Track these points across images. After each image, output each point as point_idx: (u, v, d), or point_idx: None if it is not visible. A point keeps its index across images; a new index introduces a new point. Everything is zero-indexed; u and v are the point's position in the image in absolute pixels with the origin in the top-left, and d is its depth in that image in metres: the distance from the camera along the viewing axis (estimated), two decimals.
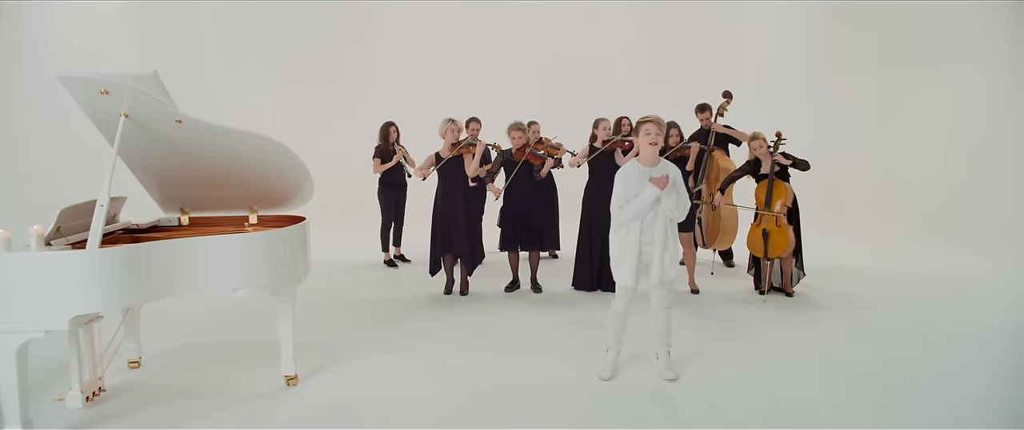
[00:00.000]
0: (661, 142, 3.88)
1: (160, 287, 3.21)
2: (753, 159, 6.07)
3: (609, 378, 4.00)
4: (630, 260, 3.89)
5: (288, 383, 3.90)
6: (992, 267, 7.15)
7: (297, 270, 3.82)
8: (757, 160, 6.02)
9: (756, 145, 5.94)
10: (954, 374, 4.04)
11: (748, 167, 6.06)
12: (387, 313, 5.55)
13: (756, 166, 6.02)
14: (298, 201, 4.24)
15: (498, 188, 6.13)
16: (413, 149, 7.76)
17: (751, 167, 6.05)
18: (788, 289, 6.03)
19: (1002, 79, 9.10)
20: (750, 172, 6.05)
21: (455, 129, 6.01)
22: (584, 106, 11.27)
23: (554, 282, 6.59)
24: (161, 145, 3.63)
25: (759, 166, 6.00)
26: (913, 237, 8.82)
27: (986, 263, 7.34)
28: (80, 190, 9.45)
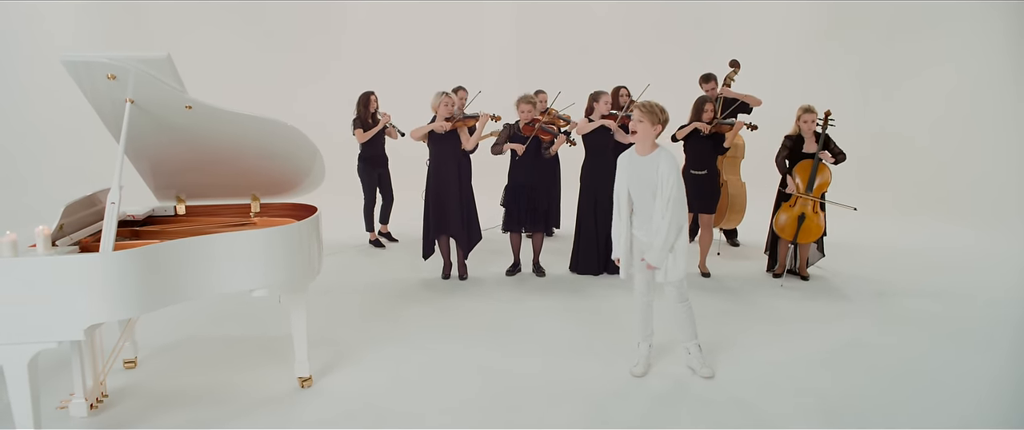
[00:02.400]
0: (642, 132, 3.81)
1: (179, 290, 3.17)
2: (795, 133, 6.09)
3: (642, 374, 4.09)
4: (624, 252, 4.01)
5: (302, 385, 3.91)
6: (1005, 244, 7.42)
7: (313, 265, 3.80)
8: (799, 136, 6.06)
9: (809, 119, 5.95)
10: (1000, 365, 4.21)
11: (790, 143, 6.07)
12: (386, 301, 5.56)
13: (797, 143, 6.06)
14: (304, 188, 4.21)
15: (519, 145, 6.10)
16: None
17: (792, 143, 6.07)
18: (803, 272, 6.18)
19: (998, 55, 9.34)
20: (791, 148, 6.06)
21: (449, 103, 5.97)
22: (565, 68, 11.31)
23: (555, 264, 6.65)
24: (165, 131, 3.56)
25: (800, 143, 6.05)
26: (912, 212, 9.07)
27: (996, 239, 7.61)
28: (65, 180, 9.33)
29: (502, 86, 9.98)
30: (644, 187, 3.85)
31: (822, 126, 5.95)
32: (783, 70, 11.10)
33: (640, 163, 3.87)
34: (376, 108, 7.28)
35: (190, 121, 3.50)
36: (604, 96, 6.21)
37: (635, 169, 3.89)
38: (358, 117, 7.19)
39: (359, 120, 7.18)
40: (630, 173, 3.92)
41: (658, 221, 3.79)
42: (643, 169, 3.85)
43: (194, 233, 3.77)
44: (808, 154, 5.96)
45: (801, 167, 5.98)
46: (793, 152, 6.03)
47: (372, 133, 7.17)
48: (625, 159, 3.97)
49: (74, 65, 3.13)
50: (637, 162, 3.89)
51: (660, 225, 3.78)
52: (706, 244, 6.39)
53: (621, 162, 3.99)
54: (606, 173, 6.25)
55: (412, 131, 6.10)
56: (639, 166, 3.87)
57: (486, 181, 6.91)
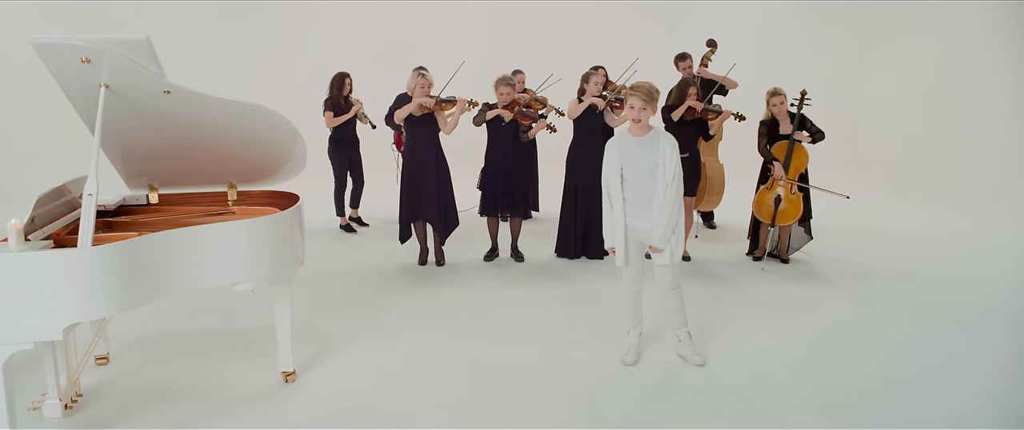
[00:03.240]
0: (645, 119, 3.81)
1: (162, 285, 3.06)
2: (768, 118, 6.12)
3: (633, 363, 4.08)
4: (620, 239, 3.94)
5: (286, 379, 3.83)
6: (984, 224, 7.60)
7: (298, 256, 3.72)
8: (774, 119, 6.09)
9: (777, 102, 5.99)
10: (997, 355, 4.28)
11: (765, 128, 6.11)
12: (364, 289, 5.49)
13: (773, 127, 6.09)
14: (284, 174, 4.10)
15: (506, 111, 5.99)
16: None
17: (767, 128, 6.10)
18: (784, 256, 6.24)
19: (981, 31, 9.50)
20: (767, 134, 6.10)
21: (427, 84, 5.88)
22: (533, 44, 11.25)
23: (533, 248, 6.63)
24: (140, 117, 3.43)
25: (776, 126, 6.08)
26: (893, 192, 9.24)
27: (974, 220, 7.79)
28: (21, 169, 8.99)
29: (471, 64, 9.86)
30: (642, 170, 3.82)
31: (798, 106, 5.98)
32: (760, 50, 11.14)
33: (637, 145, 3.84)
34: (350, 91, 7.14)
35: (168, 106, 3.38)
36: (595, 76, 6.17)
37: (630, 153, 3.85)
38: (330, 98, 7.05)
39: (331, 102, 7.04)
40: (624, 157, 3.86)
41: (660, 202, 3.78)
42: (640, 151, 3.82)
43: (171, 223, 3.66)
44: (785, 136, 6.01)
45: (776, 149, 6.03)
46: (771, 136, 6.07)
47: (342, 120, 7.04)
48: (616, 143, 3.91)
49: (44, 47, 2.98)
50: (633, 145, 3.85)
51: (663, 206, 3.77)
52: (686, 227, 6.42)
53: (612, 147, 3.92)
54: (594, 156, 6.21)
55: (396, 114, 5.98)
56: (635, 149, 3.84)
57: (461, 163, 6.84)
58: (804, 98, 6.00)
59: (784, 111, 5.99)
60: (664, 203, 3.78)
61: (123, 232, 3.50)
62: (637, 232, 3.94)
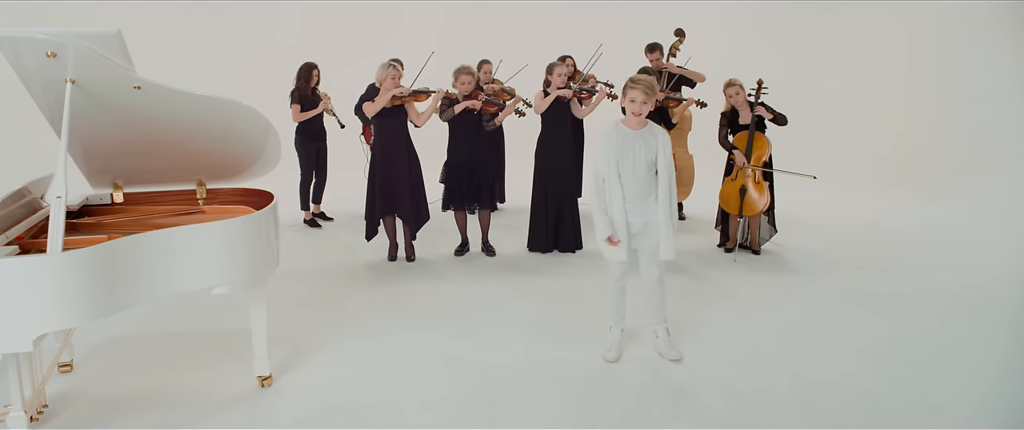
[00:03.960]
0: (647, 111, 3.79)
1: (137, 291, 2.94)
2: (729, 109, 6.17)
3: (615, 360, 4.06)
4: (622, 233, 3.86)
5: (262, 384, 3.72)
6: (947, 212, 7.77)
7: (275, 257, 3.62)
8: (734, 110, 6.13)
9: (732, 92, 6.04)
10: (967, 340, 4.36)
11: (726, 119, 6.16)
12: (335, 287, 5.39)
13: (733, 117, 6.14)
14: (256, 171, 4.00)
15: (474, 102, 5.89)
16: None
17: (727, 119, 6.16)
18: (755, 247, 6.30)
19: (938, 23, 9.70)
20: (728, 125, 6.15)
21: (397, 75, 5.78)
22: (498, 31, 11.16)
23: (503, 241, 6.58)
24: (107, 113, 3.28)
25: (736, 116, 6.13)
26: (853, 181, 9.39)
27: (934, 209, 7.96)
28: None
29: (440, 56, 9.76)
30: (640, 163, 3.79)
31: (755, 95, 6.03)
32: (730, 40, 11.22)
33: (635, 138, 3.80)
34: (317, 82, 6.99)
35: (137, 102, 3.24)
36: (559, 67, 6.13)
37: (629, 145, 3.80)
38: (296, 90, 6.90)
39: (298, 93, 6.89)
40: (623, 150, 3.80)
41: (665, 194, 3.78)
42: (638, 144, 3.79)
43: (140, 225, 3.54)
44: (745, 126, 6.06)
45: (737, 139, 6.09)
46: (732, 126, 6.14)
47: (309, 115, 6.89)
48: (614, 135, 3.83)
49: (4, 41, 2.83)
50: (631, 137, 3.81)
51: (664, 200, 3.78)
52: None
53: (608, 139, 3.84)
54: (563, 147, 6.20)
55: (366, 108, 5.87)
56: (634, 141, 3.80)
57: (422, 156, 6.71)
58: (761, 87, 6.05)
59: (741, 100, 6.04)
60: (667, 198, 3.79)
61: (89, 235, 3.36)
62: (631, 225, 3.89)
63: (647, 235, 3.90)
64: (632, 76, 3.85)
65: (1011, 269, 5.81)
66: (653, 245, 3.89)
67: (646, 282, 4.04)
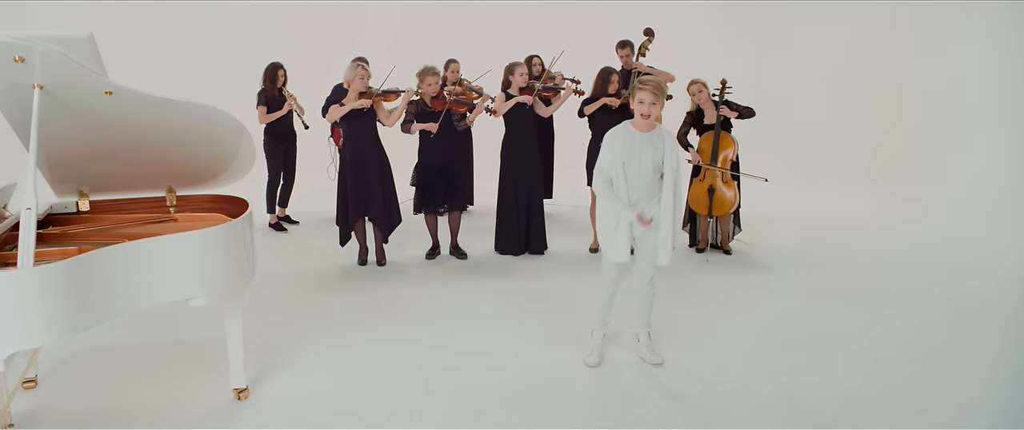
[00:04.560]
0: (656, 113, 3.75)
1: (112, 305, 2.84)
2: (694, 109, 6.21)
3: (596, 364, 4.03)
4: (624, 234, 3.81)
5: (238, 396, 3.62)
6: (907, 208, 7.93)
7: (252, 266, 3.53)
8: (699, 110, 6.18)
9: (695, 91, 6.07)
10: (942, 339, 4.44)
11: (690, 119, 6.21)
12: (307, 293, 5.29)
13: (698, 116, 6.18)
14: (228, 177, 3.89)
15: (432, 124, 5.85)
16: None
17: (692, 118, 6.21)
18: (726, 246, 6.35)
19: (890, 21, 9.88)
20: (692, 124, 6.20)
21: (366, 75, 5.69)
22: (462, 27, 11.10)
23: (472, 243, 6.53)
24: (76, 119, 3.16)
25: (701, 116, 6.17)
26: (817, 179, 9.52)
27: (898, 203, 8.12)
28: None
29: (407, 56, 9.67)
30: (647, 166, 3.75)
31: (719, 95, 6.08)
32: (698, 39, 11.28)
33: (642, 140, 3.76)
34: (284, 83, 6.86)
35: (107, 107, 3.12)
36: (520, 67, 6.09)
37: (636, 148, 3.75)
38: (263, 91, 6.77)
39: (264, 95, 6.76)
40: (629, 152, 3.75)
41: (669, 198, 3.76)
42: (646, 146, 3.75)
43: (109, 234, 3.42)
44: (710, 125, 6.10)
45: (704, 138, 6.13)
46: (697, 126, 6.18)
47: (275, 116, 6.76)
48: (622, 137, 3.78)
49: None
50: (639, 140, 3.76)
51: (672, 202, 3.76)
52: None
53: (616, 139, 3.78)
54: (528, 147, 6.16)
55: (330, 114, 5.78)
56: (641, 144, 3.75)
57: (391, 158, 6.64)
58: (725, 87, 6.10)
59: (706, 99, 6.09)
60: (674, 202, 3.79)
61: (57, 246, 3.23)
62: (634, 226, 3.83)
63: (647, 237, 3.88)
64: (640, 77, 3.84)
65: (982, 267, 5.94)
66: (651, 247, 3.87)
67: (637, 283, 4.03)
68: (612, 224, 3.85)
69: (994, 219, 7.28)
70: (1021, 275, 5.75)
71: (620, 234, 3.83)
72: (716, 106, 6.06)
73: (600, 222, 3.96)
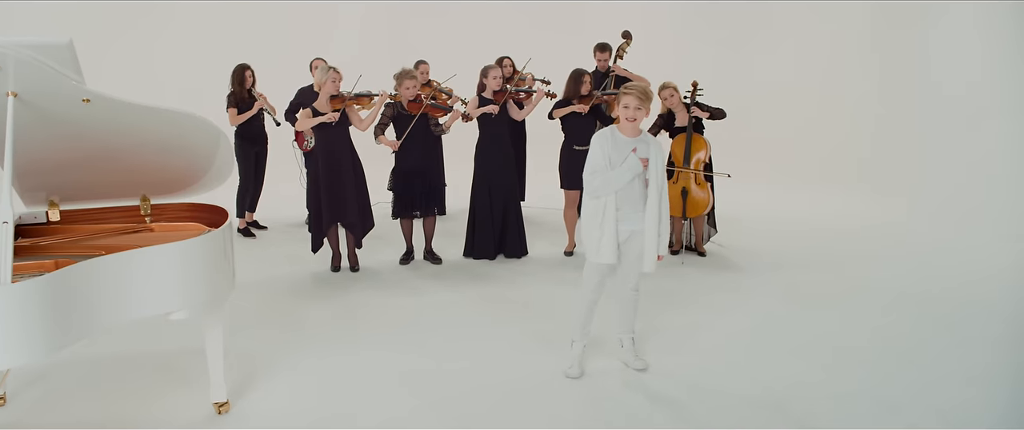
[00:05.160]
0: (641, 118, 3.77)
1: (91, 321, 2.75)
2: (665, 111, 6.25)
3: (578, 376, 3.98)
4: (610, 234, 3.78)
5: (219, 410, 3.54)
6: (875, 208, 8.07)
7: (232, 277, 3.45)
8: (670, 112, 6.21)
9: (667, 95, 6.11)
10: (923, 337, 4.53)
11: (661, 121, 6.25)
12: (282, 302, 5.20)
13: (669, 119, 6.22)
14: (204, 185, 3.80)
15: (394, 141, 5.81)
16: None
17: (664, 120, 6.25)
18: (700, 248, 6.40)
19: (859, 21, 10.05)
20: (663, 126, 6.24)
21: (338, 78, 5.62)
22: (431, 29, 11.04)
23: (446, 248, 6.49)
24: (50, 127, 3.05)
25: (672, 119, 6.21)
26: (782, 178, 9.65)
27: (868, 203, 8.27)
28: None
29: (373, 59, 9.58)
30: (640, 169, 3.74)
31: (690, 97, 6.12)
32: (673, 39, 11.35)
33: (628, 145, 3.75)
34: (252, 84, 6.75)
35: (83, 115, 3.02)
36: (494, 70, 6.06)
37: (622, 152, 3.74)
38: (232, 94, 6.67)
39: (234, 97, 6.66)
40: (616, 156, 3.74)
41: (655, 206, 3.76)
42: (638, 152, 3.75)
43: (84, 246, 3.32)
44: (682, 128, 6.14)
45: (676, 141, 6.17)
46: (668, 128, 6.21)
47: (246, 116, 6.66)
48: (608, 139, 3.77)
49: None
50: (624, 144, 3.76)
51: (657, 210, 3.77)
52: None
53: (601, 143, 3.77)
54: (502, 149, 6.14)
55: (299, 123, 5.70)
56: (627, 148, 3.75)
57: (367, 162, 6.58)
58: (696, 89, 6.15)
59: (677, 102, 6.13)
60: (660, 209, 3.79)
61: (29, 259, 3.12)
62: (620, 233, 3.83)
63: (632, 243, 3.87)
64: (627, 83, 3.84)
65: (959, 267, 6.05)
66: (636, 253, 3.87)
67: (622, 289, 4.02)
68: (598, 226, 3.82)
69: (968, 219, 7.43)
70: (999, 274, 5.87)
71: (606, 234, 3.80)
72: (687, 108, 6.09)
73: (585, 224, 3.91)
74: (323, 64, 5.74)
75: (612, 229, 3.79)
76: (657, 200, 3.79)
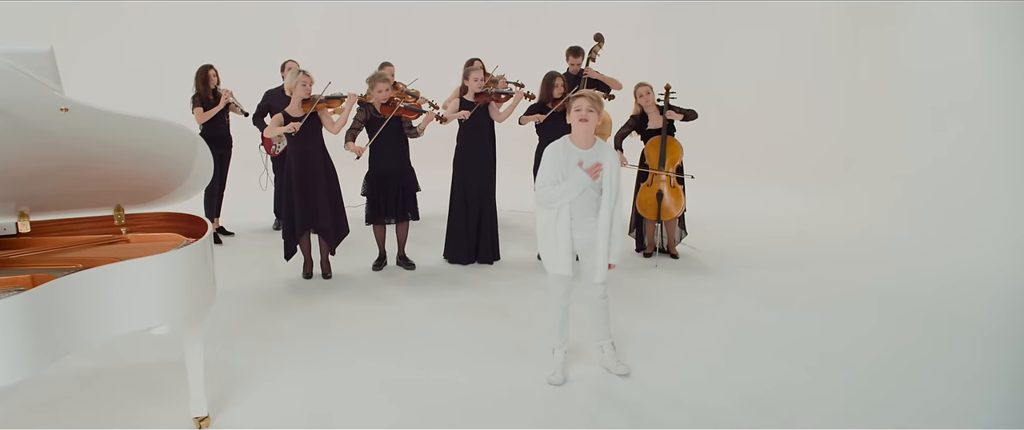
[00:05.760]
0: (595, 120, 3.77)
1: (72, 338, 2.68)
2: (638, 112, 6.28)
3: (561, 383, 3.99)
4: (565, 247, 3.80)
5: (199, 425, 3.48)
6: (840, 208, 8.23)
7: (213, 289, 3.39)
8: (643, 113, 6.25)
9: (642, 93, 6.14)
10: (903, 340, 4.62)
11: (634, 122, 6.27)
12: (254, 310, 5.12)
13: (642, 121, 6.26)
14: (181, 193, 3.71)
15: (359, 147, 5.74)
16: None
17: (637, 122, 6.27)
18: (672, 250, 6.46)
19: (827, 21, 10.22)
20: (636, 127, 6.27)
21: (308, 82, 5.55)
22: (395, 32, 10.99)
23: (418, 253, 6.44)
24: (23, 136, 2.95)
25: (645, 120, 6.25)
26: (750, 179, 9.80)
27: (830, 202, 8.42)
28: None
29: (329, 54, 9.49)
30: (589, 182, 3.74)
31: (664, 99, 6.18)
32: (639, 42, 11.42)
33: (583, 156, 3.76)
34: (217, 83, 6.66)
35: (60, 124, 2.94)
36: (475, 72, 6.03)
37: (574, 164, 3.74)
38: (196, 94, 6.57)
39: (198, 98, 6.56)
40: (568, 168, 3.75)
41: (606, 216, 3.78)
42: (588, 163, 3.74)
43: (57, 259, 3.23)
44: (656, 131, 6.19)
45: (651, 144, 6.22)
46: (641, 130, 6.26)
47: (213, 113, 6.56)
48: (561, 153, 3.78)
49: None
50: (577, 156, 3.76)
51: (608, 219, 3.78)
52: None
53: (556, 156, 3.78)
54: (481, 153, 6.12)
55: (268, 129, 5.63)
56: (580, 159, 3.75)
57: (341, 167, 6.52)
58: (669, 92, 6.20)
59: (651, 103, 6.17)
60: (614, 217, 3.81)
61: (1, 274, 3.03)
62: (576, 242, 3.86)
63: (590, 253, 3.90)
64: (575, 89, 3.86)
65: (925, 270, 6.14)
66: (593, 264, 3.90)
67: (590, 299, 4.04)
68: (552, 237, 3.84)
69: (932, 218, 7.59)
70: (970, 274, 5.99)
71: (561, 246, 3.82)
72: (661, 110, 6.14)
73: (540, 236, 3.92)
74: (295, 67, 5.66)
75: (567, 240, 3.81)
76: (609, 208, 3.81)
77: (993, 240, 6.76)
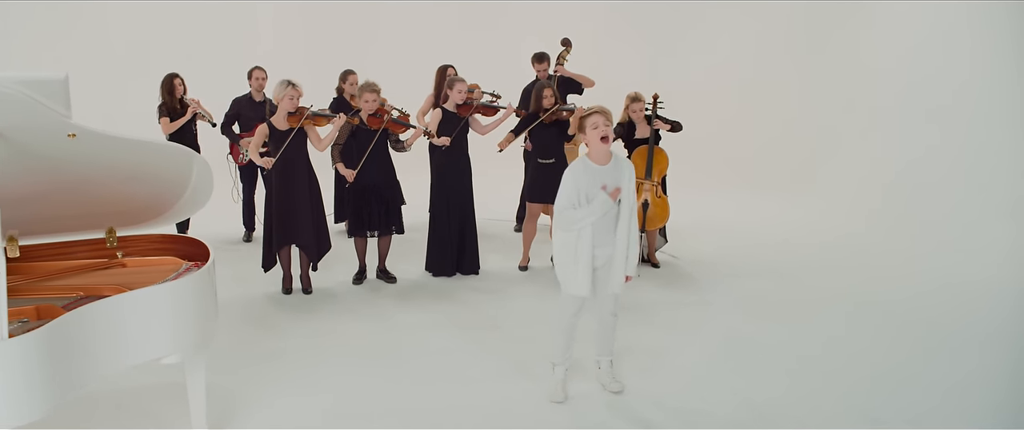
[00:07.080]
0: (610, 135, 3.80)
1: (89, 371, 2.64)
2: (625, 120, 6.35)
3: (562, 400, 4.02)
4: (585, 267, 3.82)
5: None
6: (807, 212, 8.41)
7: (216, 314, 3.35)
8: (630, 122, 6.32)
9: (637, 107, 6.21)
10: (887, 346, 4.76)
11: (622, 130, 6.32)
12: (238, 328, 5.03)
13: (629, 130, 6.32)
14: (176, 213, 3.67)
15: (350, 171, 5.70)
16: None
17: (624, 130, 6.33)
18: (653, 259, 6.55)
19: None
20: (622, 136, 6.32)
21: (296, 95, 5.47)
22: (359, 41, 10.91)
23: (399, 266, 6.39)
24: (26, 161, 2.89)
25: (632, 129, 6.32)
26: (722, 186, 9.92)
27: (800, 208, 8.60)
28: None
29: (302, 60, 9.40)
30: (611, 203, 3.77)
31: (652, 109, 6.27)
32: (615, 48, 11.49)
33: (602, 174, 3.78)
34: (183, 93, 6.55)
35: (62, 149, 2.88)
36: (460, 83, 6.02)
37: (597, 182, 3.77)
38: (162, 104, 6.47)
39: (165, 107, 6.46)
40: (591, 186, 3.77)
41: (625, 229, 3.82)
42: (607, 180, 3.77)
43: (56, 287, 3.18)
44: (643, 140, 6.29)
45: (638, 153, 6.29)
46: (627, 140, 6.33)
47: (180, 123, 6.47)
48: (582, 174, 3.78)
49: None
50: (598, 174, 3.78)
51: (627, 233, 3.83)
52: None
53: (577, 178, 3.78)
54: (462, 164, 6.13)
55: (251, 151, 5.56)
56: (601, 178, 3.77)
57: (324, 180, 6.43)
58: (657, 102, 6.29)
59: (641, 116, 6.25)
60: (631, 233, 3.85)
61: None
62: (596, 259, 3.88)
63: (608, 272, 3.93)
64: (590, 107, 3.89)
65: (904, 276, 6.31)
66: (614, 278, 3.94)
67: (601, 315, 4.08)
68: (572, 257, 3.86)
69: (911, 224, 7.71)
70: (950, 280, 6.14)
71: (581, 267, 3.84)
72: (648, 120, 6.22)
73: (558, 256, 3.96)
74: (283, 80, 5.58)
75: (587, 260, 3.83)
76: (628, 221, 3.86)
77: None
